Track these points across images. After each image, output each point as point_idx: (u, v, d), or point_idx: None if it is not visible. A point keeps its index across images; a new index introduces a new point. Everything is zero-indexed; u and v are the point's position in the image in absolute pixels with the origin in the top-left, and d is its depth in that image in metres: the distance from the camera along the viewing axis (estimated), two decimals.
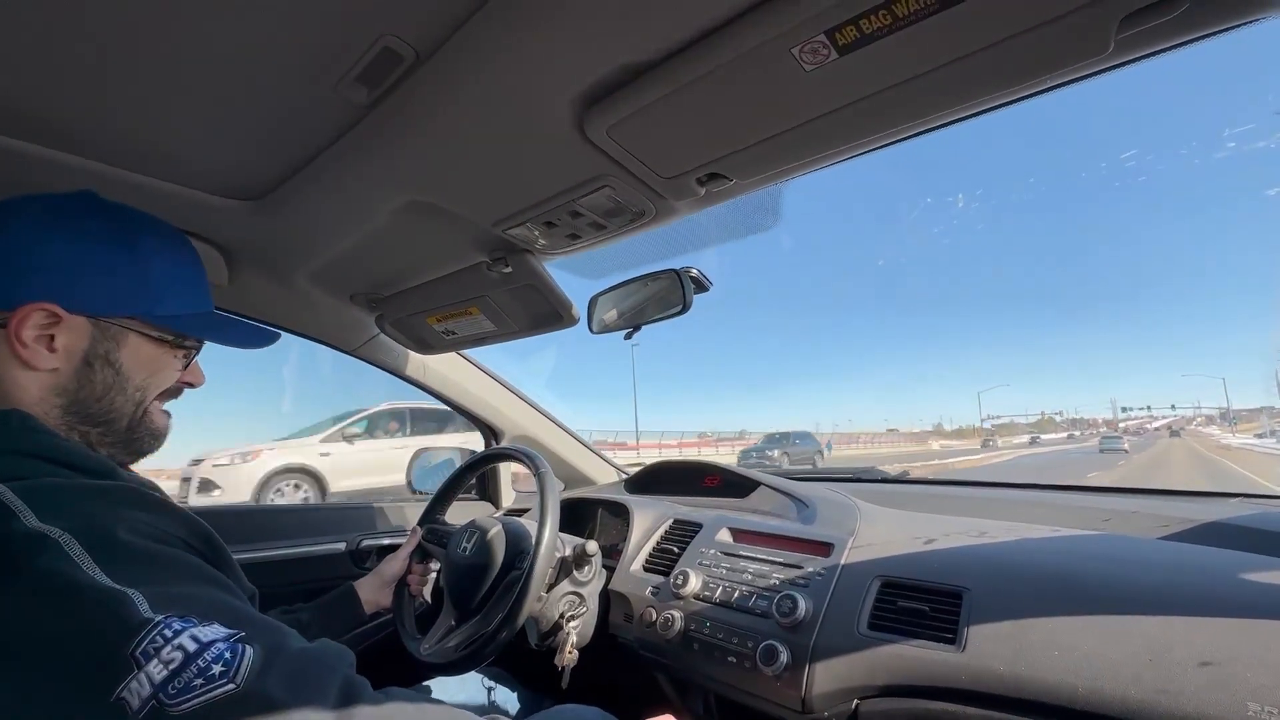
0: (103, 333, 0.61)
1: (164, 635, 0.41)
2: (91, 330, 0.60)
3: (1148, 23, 0.51)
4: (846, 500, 1.22)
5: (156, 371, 0.65)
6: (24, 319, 0.56)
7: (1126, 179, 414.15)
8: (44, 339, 0.57)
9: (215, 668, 0.41)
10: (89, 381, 0.60)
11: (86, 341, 0.60)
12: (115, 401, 0.62)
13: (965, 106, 0.63)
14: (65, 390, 0.59)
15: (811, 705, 0.85)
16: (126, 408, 0.63)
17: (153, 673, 0.39)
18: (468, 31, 0.62)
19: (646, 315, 1.19)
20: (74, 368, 0.59)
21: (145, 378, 0.64)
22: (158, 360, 0.65)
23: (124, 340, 0.62)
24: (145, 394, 0.65)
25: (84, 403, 0.60)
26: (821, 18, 0.53)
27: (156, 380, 0.66)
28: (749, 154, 0.74)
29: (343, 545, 1.47)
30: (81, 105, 0.72)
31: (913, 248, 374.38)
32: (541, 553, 0.94)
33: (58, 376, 0.59)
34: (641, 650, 1.12)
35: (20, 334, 0.56)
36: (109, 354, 0.61)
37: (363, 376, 1.56)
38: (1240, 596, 0.70)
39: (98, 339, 0.60)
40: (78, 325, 0.59)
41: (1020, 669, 0.71)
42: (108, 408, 0.62)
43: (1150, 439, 63.17)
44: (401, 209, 0.94)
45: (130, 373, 0.63)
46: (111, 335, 0.61)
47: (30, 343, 0.56)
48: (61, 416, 0.59)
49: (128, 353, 0.62)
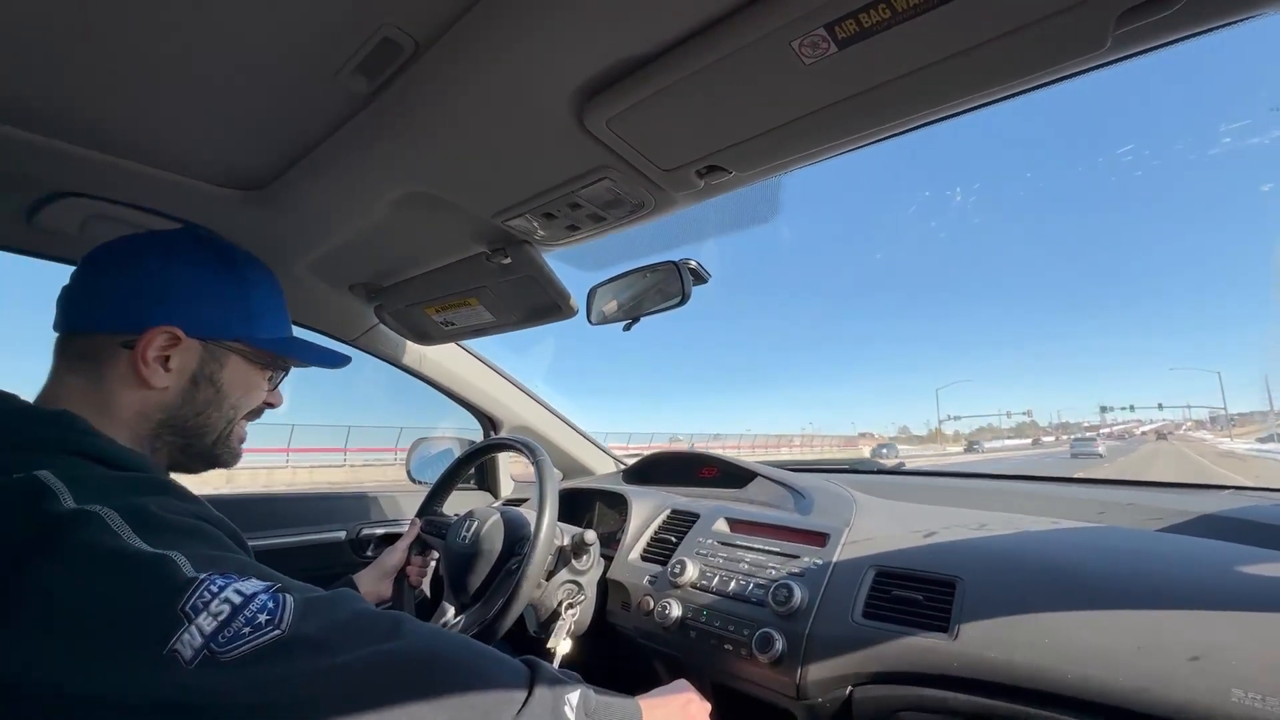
0: (210, 354, 0.67)
1: (210, 590, 0.44)
2: (202, 352, 0.66)
3: (1145, 19, 0.51)
4: (843, 491, 1.24)
5: (249, 391, 0.72)
6: (150, 341, 0.62)
7: (1123, 174, 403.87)
8: (161, 359, 0.63)
9: (261, 616, 0.44)
10: (192, 399, 0.66)
11: (196, 363, 0.66)
12: (210, 417, 0.68)
13: (963, 101, 0.63)
14: (169, 406, 0.65)
15: (806, 692, 0.86)
16: (219, 424, 0.69)
17: (203, 625, 0.42)
18: (468, 22, 0.62)
19: (645, 307, 1.19)
20: (181, 386, 0.65)
21: (239, 397, 0.71)
22: (251, 381, 0.72)
23: (227, 361, 0.68)
24: (237, 412, 0.71)
25: (183, 417, 0.66)
26: (821, 11, 0.53)
27: (248, 400, 0.72)
28: (748, 147, 0.74)
29: (343, 534, 1.48)
30: (79, 94, 0.72)
31: (910, 241, 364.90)
32: (540, 541, 0.95)
33: (165, 395, 0.64)
34: (639, 638, 1.13)
35: (145, 355, 0.61)
36: (213, 375, 0.67)
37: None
38: (1230, 587, 0.72)
39: (206, 360, 0.67)
40: (192, 347, 0.65)
41: (1011, 656, 0.72)
42: (203, 423, 0.68)
43: (1134, 444, 57.46)
44: (401, 200, 0.95)
45: (228, 391, 0.69)
46: (218, 357, 0.68)
47: (151, 362, 0.62)
48: (157, 428, 0.65)
49: (229, 373, 0.69)
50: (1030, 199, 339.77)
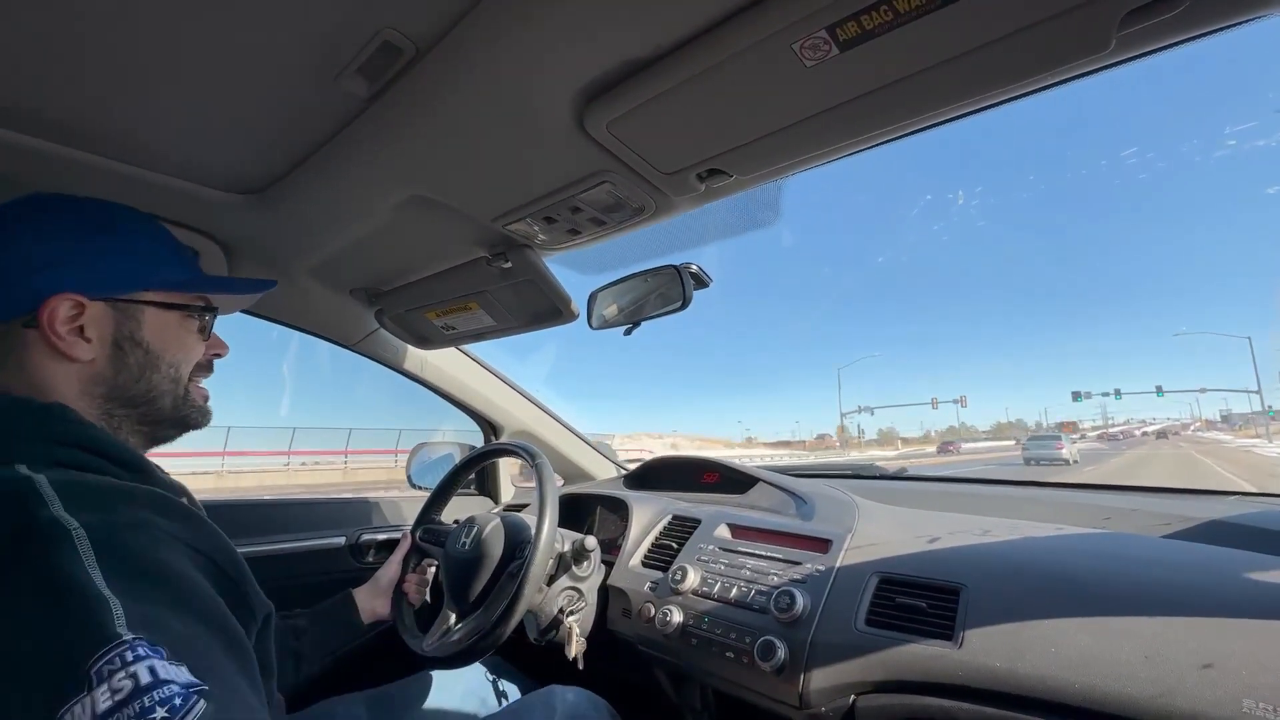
0: (123, 314, 0.63)
1: (124, 658, 0.38)
2: (113, 314, 0.62)
3: (1149, 20, 0.51)
4: (845, 497, 1.23)
5: (183, 345, 0.68)
6: (54, 312, 0.58)
7: (1127, 176, 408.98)
8: (75, 330, 0.59)
9: (157, 711, 0.37)
10: (124, 365, 0.63)
11: (112, 325, 0.62)
12: (153, 380, 0.65)
13: (966, 103, 0.63)
14: (103, 378, 0.62)
15: (808, 700, 0.85)
16: (165, 385, 0.66)
17: (99, 699, 0.37)
18: (467, 26, 0.62)
19: (646, 311, 1.19)
20: (107, 354, 0.62)
21: (175, 354, 0.67)
22: (180, 333, 0.68)
23: (142, 317, 0.64)
24: (178, 369, 0.67)
25: (123, 387, 0.63)
26: (823, 13, 0.53)
27: (185, 354, 0.68)
28: (749, 150, 0.74)
29: (342, 539, 1.48)
30: (80, 99, 0.72)
31: (914, 245, 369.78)
32: (540, 545, 0.95)
33: (95, 366, 0.61)
34: (640, 645, 1.12)
35: (55, 327, 0.58)
36: (134, 334, 0.63)
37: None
38: (1238, 595, 0.71)
39: (121, 321, 0.63)
40: (100, 311, 0.61)
41: (1016, 665, 0.71)
42: (147, 388, 0.64)
43: (1121, 446, 45.86)
44: (401, 204, 0.94)
45: (159, 349, 0.65)
46: (131, 314, 0.63)
47: (65, 335, 0.58)
48: (104, 405, 0.62)
49: (150, 329, 0.64)
50: (1034, 202, 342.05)
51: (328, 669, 0.98)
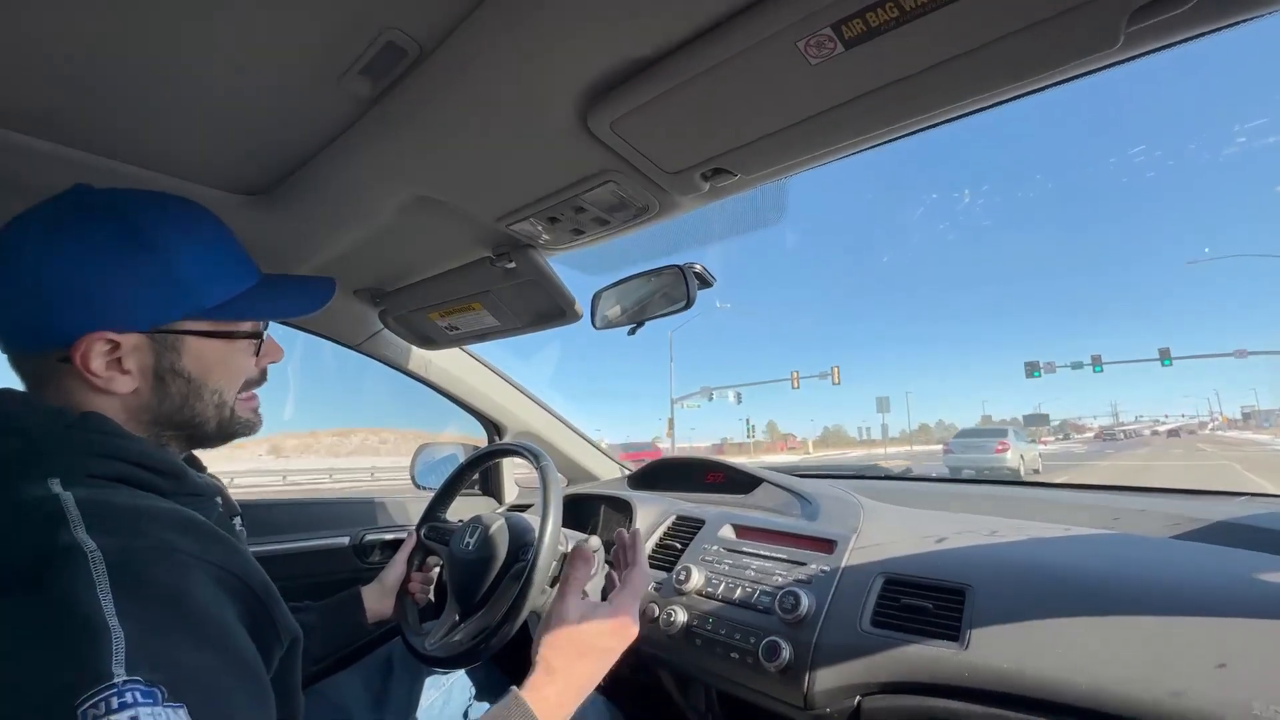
0: (162, 344, 0.59)
1: (109, 704, 0.37)
2: (152, 345, 0.58)
3: (1158, 16, 0.50)
4: (850, 497, 1.22)
5: (227, 368, 0.64)
6: (86, 355, 0.54)
7: (1135, 174, 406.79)
8: (114, 364, 0.56)
9: None
10: (167, 395, 0.60)
11: (151, 357, 0.58)
12: (196, 408, 0.62)
13: (972, 101, 0.62)
14: (148, 407, 0.60)
15: (813, 702, 0.85)
16: (208, 411, 0.63)
17: None
18: (471, 25, 0.61)
19: (650, 311, 1.19)
20: (150, 385, 0.59)
21: (219, 379, 0.63)
22: (224, 357, 0.64)
23: (183, 347, 0.60)
24: (223, 394, 0.64)
25: (168, 414, 0.61)
26: (828, 11, 0.53)
27: (230, 377, 0.65)
28: (753, 149, 0.74)
29: (346, 539, 1.48)
30: (85, 99, 0.72)
31: (920, 244, 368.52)
32: (545, 545, 0.94)
33: (139, 396, 0.59)
34: (644, 646, 1.12)
35: (90, 366, 0.55)
36: (174, 365, 0.60)
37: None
38: (1248, 596, 0.70)
39: (160, 352, 0.59)
40: (138, 343, 0.57)
41: (1023, 667, 0.70)
42: (190, 415, 0.62)
43: (1127, 446, 39.93)
44: (405, 204, 0.94)
45: (202, 377, 0.62)
46: (171, 345, 0.59)
47: (102, 372, 0.55)
48: (149, 428, 0.61)
49: (190, 359, 0.61)
50: (1041, 200, 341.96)
51: (328, 666, 0.98)
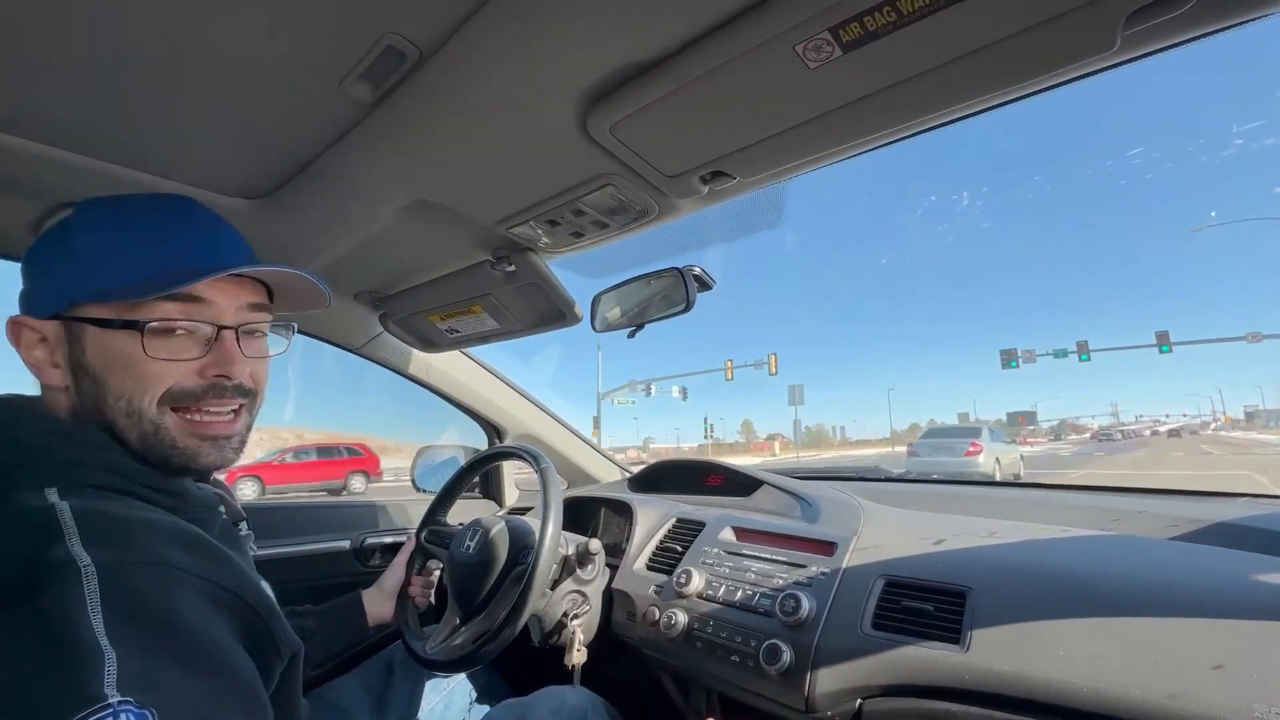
0: (70, 334, 0.54)
1: None
2: (63, 334, 0.55)
3: (1154, 19, 0.51)
4: (850, 499, 1.22)
5: (129, 369, 0.54)
6: (15, 338, 0.55)
7: (1133, 176, 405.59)
8: (46, 357, 0.55)
9: None
10: (81, 394, 0.55)
11: (66, 350, 0.54)
12: (108, 416, 0.54)
13: (969, 104, 0.62)
14: (77, 409, 0.55)
15: (814, 704, 0.85)
16: (121, 421, 0.54)
17: None
18: (470, 30, 0.62)
19: (650, 314, 1.19)
20: (75, 381, 0.55)
21: (121, 379, 0.54)
22: (127, 354, 0.54)
23: (85, 338, 0.54)
24: (131, 400, 0.54)
25: (91, 417, 0.55)
26: (825, 14, 0.53)
27: (137, 379, 0.54)
28: (752, 152, 0.74)
29: (347, 543, 1.48)
30: (85, 104, 0.72)
31: (919, 246, 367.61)
32: (545, 549, 0.94)
33: (70, 394, 0.55)
34: (644, 649, 1.12)
35: (23, 354, 0.55)
36: (80, 358, 0.54)
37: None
38: (1249, 598, 0.70)
39: (70, 343, 0.54)
40: (54, 332, 0.55)
41: (1024, 669, 0.70)
42: (107, 422, 0.54)
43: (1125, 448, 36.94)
44: (405, 208, 0.95)
45: (105, 377, 0.54)
46: (75, 335, 0.54)
47: (34, 361, 0.55)
48: (95, 434, 0.55)
49: (93, 353, 0.54)
50: (1039, 203, 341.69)
51: (329, 670, 0.98)
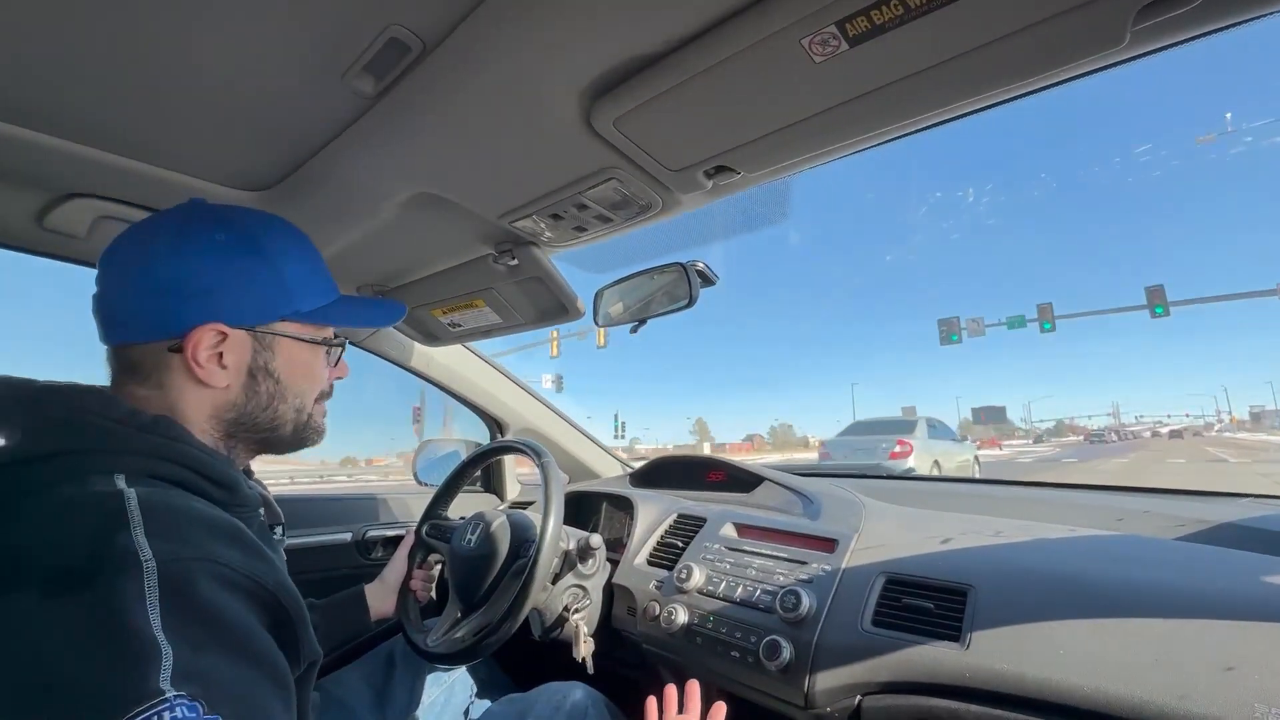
0: (261, 343, 0.64)
1: (161, 718, 0.39)
2: (251, 343, 0.63)
3: (1164, 14, 0.50)
4: (852, 496, 1.22)
5: (310, 375, 0.69)
6: (198, 343, 0.59)
7: (1141, 174, 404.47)
8: (215, 358, 0.60)
9: None
10: (255, 394, 0.64)
11: (249, 355, 0.63)
12: (279, 410, 0.66)
13: (977, 99, 0.62)
14: (235, 405, 0.63)
15: (814, 701, 0.85)
16: (288, 414, 0.67)
17: None
18: (474, 22, 0.61)
19: (652, 309, 1.19)
20: (242, 382, 0.63)
21: (302, 384, 0.67)
22: (309, 364, 0.68)
23: (277, 348, 0.65)
24: (304, 400, 0.68)
25: (251, 414, 0.64)
26: (832, 8, 0.52)
27: (311, 384, 0.69)
28: (757, 147, 0.73)
29: (348, 536, 1.48)
30: (89, 95, 0.72)
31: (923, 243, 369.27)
32: (546, 543, 0.95)
33: (229, 393, 0.62)
34: (644, 644, 1.12)
35: (197, 357, 0.59)
36: (268, 364, 0.64)
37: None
38: (1252, 598, 0.70)
39: (258, 350, 0.63)
40: (241, 340, 0.62)
41: (1024, 668, 0.70)
42: (272, 417, 0.66)
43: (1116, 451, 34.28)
44: (408, 201, 0.94)
45: (289, 380, 0.66)
46: (268, 345, 0.64)
47: (205, 363, 0.60)
48: (230, 428, 0.64)
49: (282, 360, 0.65)
50: (1046, 200, 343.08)
51: (330, 663, 0.98)
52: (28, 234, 1.00)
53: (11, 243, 1.03)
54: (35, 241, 1.03)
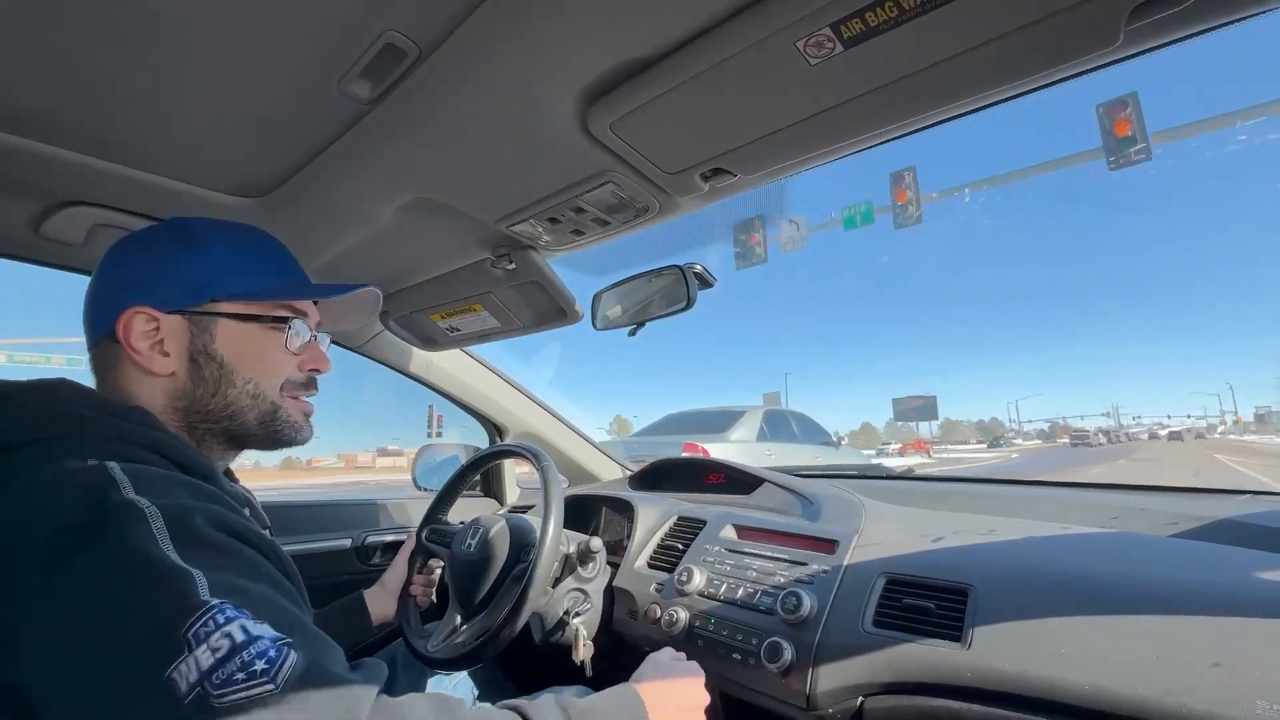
0: (197, 326, 0.64)
1: (216, 620, 0.42)
2: (189, 326, 0.63)
3: (1156, 14, 0.50)
4: (851, 497, 1.22)
5: (261, 357, 0.67)
6: (128, 326, 0.60)
7: (1136, 172, 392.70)
8: (156, 345, 0.62)
9: (258, 664, 0.41)
10: (200, 379, 0.64)
11: (187, 338, 0.63)
12: (229, 395, 0.65)
13: (972, 100, 0.62)
14: (185, 393, 0.63)
15: (816, 702, 0.85)
16: (243, 401, 0.65)
17: (201, 658, 0.40)
18: (470, 27, 0.61)
19: (650, 312, 1.19)
20: (186, 368, 0.63)
21: (250, 366, 0.66)
22: (258, 346, 0.66)
23: (216, 330, 0.64)
24: (258, 384, 0.66)
25: (203, 401, 0.64)
26: (826, 10, 0.53)
27: (264, 367, 0.67)
28: (753, 149, 0.74)
29: (348, 541, 1.48)
30: (85, 103, 0.72)
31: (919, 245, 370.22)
32: (546, 547, 0.94)
33: (176, 380, 0.63)
34: (646, 647, 1.12)
35: (131, 341, 0.60)
36: (207, 347, 0.64)
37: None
38: (1250, 595, 0.70)
39: (195, 333, 0.63)
40: (175, 324, 0.63)
41: (1026, 667, 0.70)
42: (225, 403, 0.65)
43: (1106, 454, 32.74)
44: (405, 206, 0.94)
45: (235, 362, 0.65)
46: (204, 327, 0.64)
47: (144, 350, 0.61)
48: (186, 417, 0.64)
49: (223, 342, 0.64)
50: (1040, 200, 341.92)
51: None
52: (24, 242, 1.00)
53: (8, 251, 1.02)
54: (32, 249, 1.03)
